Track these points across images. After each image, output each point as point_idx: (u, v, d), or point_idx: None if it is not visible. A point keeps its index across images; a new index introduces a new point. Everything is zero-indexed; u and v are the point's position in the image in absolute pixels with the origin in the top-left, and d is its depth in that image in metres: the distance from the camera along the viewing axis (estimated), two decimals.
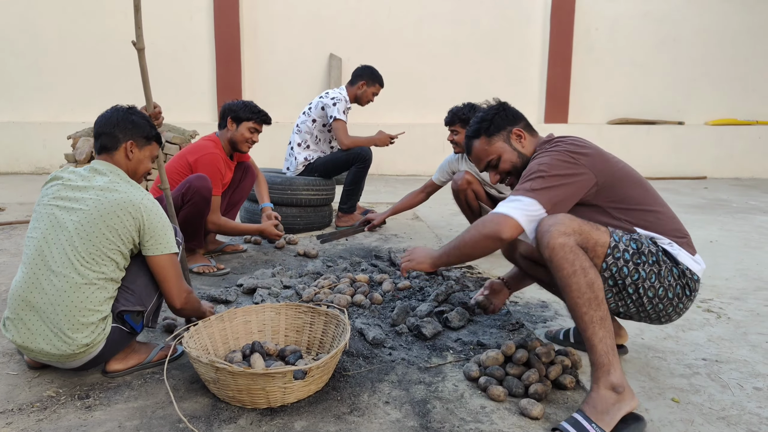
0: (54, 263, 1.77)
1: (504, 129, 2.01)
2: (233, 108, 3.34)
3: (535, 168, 1.81)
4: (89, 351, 1.77)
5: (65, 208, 1.83)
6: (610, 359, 1.60)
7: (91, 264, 1.76)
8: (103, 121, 1.99)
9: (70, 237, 1.78)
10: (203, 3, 7.97)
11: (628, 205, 1.83)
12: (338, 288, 2.68)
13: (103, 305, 1.78)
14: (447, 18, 8.38)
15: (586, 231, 1.71)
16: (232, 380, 1.63)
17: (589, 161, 1.81)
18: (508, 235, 1.74)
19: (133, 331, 1.88)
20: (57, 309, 1.73)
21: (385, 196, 6.22)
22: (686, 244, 1.83)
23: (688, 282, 1.78)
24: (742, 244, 4.08)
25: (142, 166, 2.05)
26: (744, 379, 1.97)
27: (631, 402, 1.60)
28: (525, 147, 2.00)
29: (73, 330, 1.73)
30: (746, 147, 8.67)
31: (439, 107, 8.47)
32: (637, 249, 1.74)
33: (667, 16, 8.60)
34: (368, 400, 1.77)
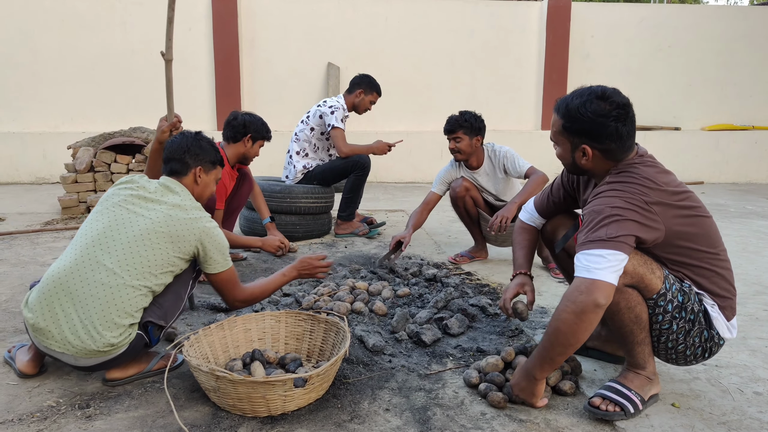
0: (108, 258, 1.80)
1: (577, 137, 1.77)
2: (252, 126, 3.38)
3: (608, 212, 1.61)
4: (110, 352, 1.79)
5: (134, 213, 1.89)
6: (646, 360, 1.78)
7: (143, 271, 1.81)
8: (173, 146, 2.09)
9: (134, 239, 1.83)
10: (202, 14, 8.01)
11: (686, 258, 1.73)
12: (338, 295, 2.69)
13: (137, 312, 1.82)
14: (443, 27, 8.43)
15: (640, 274, 1.66)
16: (232, 389, 1.63)
17: (662, 210, 1.65)
18: (605, 300, 1.54)
19: (149, 343, 1.90)
20: (95, 302, 1.75)
21: (384, 204, 6.23)
22: (729, 307, 1.78)
23: (711, 346, 1.79)
24: (741, 249, 4.09)
25: (208, 190, 2.16)
26: (744, 384, 1.97)
27: (658, 386, 1.82)
28: (585, 164, 1.80)
29: (105, 327, 1.75)
30: (743, 152, 8.70)
31: (437, 115, 8.50)
32: (681, 303, 1.71)
33: (662, 23, 8.65)
34: (368, 407, 1.77)
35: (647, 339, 1.76)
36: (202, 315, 2.60)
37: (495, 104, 8.52)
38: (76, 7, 7.81)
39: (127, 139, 5.40)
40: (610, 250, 1.56)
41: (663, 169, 1.77)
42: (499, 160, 3.56)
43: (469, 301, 2.72)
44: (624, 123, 1.72)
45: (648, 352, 1.78)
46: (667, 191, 1.67)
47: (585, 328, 1.56)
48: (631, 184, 1.66)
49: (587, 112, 1.72)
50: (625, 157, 1.76)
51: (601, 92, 1.74)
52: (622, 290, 1.65)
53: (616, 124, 1.70)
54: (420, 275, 3.19)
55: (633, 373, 1.79)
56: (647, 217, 1.62)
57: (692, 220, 1.71)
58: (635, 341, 1.75)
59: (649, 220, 1.63)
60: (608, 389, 1.75)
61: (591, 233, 1.61)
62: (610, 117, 1.70)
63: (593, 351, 2.16)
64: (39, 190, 7.16)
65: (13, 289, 2.97)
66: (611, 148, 1.73)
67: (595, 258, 1.57)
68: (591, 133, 1.73)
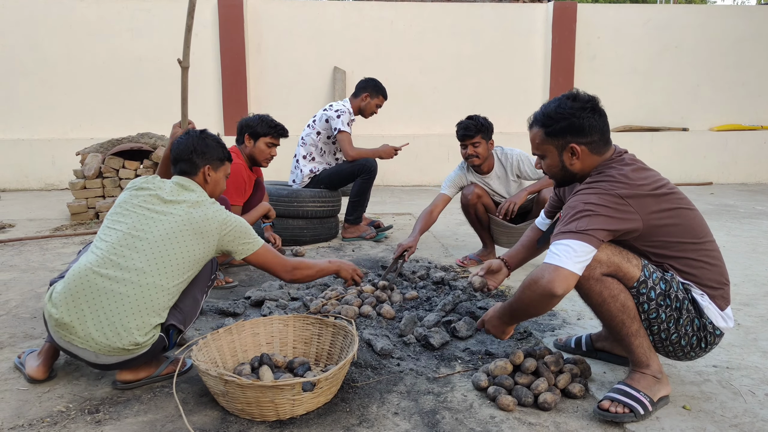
0: (137, 257, 1.82)
1: (562, 138, 1.84)
2: (250, 124, 3.37)
3: (581, 207, 1.69)
4: (135, 351, 1.81)
5: (157, 212, 1.91)
6: (648, 356, 1.77)
7: (171, 269, 1.84)
8: (180, 147, 2.11)
9: (160, 239, 1.85)
10: (209, 19, 8.06)
11: (668, 251, 1.77)
12: (345, 299, 2.68)
13: (164, 311, 1.85)
14: (449, 30, 8.43)
15: (616, 262, 1.71)
16: (241, 393, 1.64)
17: (640, 204, 1.70)
18: (562, 290, 1.62)
19: (167, 346, 1.92)
20: (126, 301, 1.77)
21: (391, 207, 6.23)
22: (721, 296, 1.79)
23: (707, 336, 1.79)
24: (750, 250, 4.05)
25: (218, 187, 2.18)
26: (756, 386, 1.95)
27: (667, 386, 1.79)
28: (575, 165, 1.85)
29: (134, 326, 1.77)
30: (752, 152, 8.64)
31: (443, 118, 8.51)
32: (664, 290, 1.73)
33: (668, 23, 8.62)
34: (377, 411, 1.77)
35: (642, 331, 1.76)
36: (210, 319, 2.60)
37: (501, 107, 8.51)
38: (83, 15, 7.87)
39: (135, 145, 5.43)
40: (577, 241, 1.63)
41: (641, 166, 1.81)
42: (512, 164, 3.54)
43: (477, 304, 2.71)
44: (599, 114, 1.83)
45: (647, 346, 1.78)
46: (644, 185, 1.73)
47: (542, 307, 1.72)
48: (606, 182, 1.73)
49: (565, 111, 1.82)
50: (606, 150, 1.84)
51: (569, 94, 1.87)
52: (602, 279, 1.71)
53: (593, 115, 1.81)
54: (427, 278, 3.19)
55: (639, 373, 1.78)
56: (620, 210, 1.68)
57: (673, 213, 1.75)
58: (629, 333, 1.75)
59: (623, 213, 1.68)
60: (616, 392, 1.74)
61: (563, 226, 1.70)
62: (587, 109, 1.81)
63: (602, 353, 2.15)
64: (48, 196, 7.21)
65: (23, 294, 2.99)
66: (595, 140, 1.82)
67: (562, 248, 1.65)
68: (573, 128, 1.81)
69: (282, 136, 3.44)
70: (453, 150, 8.37)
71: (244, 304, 2.74)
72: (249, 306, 2.77)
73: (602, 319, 1.79)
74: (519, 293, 1.75)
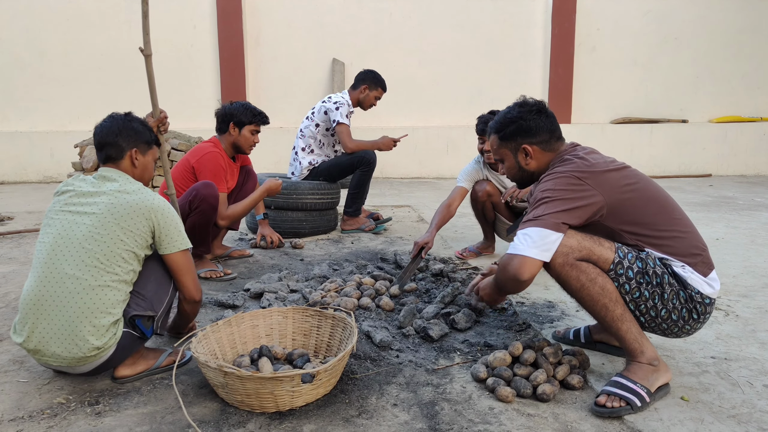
0: (67, 265, 1.78)
1: (514, 140, 1.98)
2: (233, 112, 3.35)
3: (539, 195, 1.80)
4: (100, 355, 1.78)
5: (77, 213, 1.85)
6: (640, 342, 1.78)
7: (105, 265, 1.78)
8: (103, 131, 1.98)
9: (84, 239, 1.79)
10: (207, 11, 8.02)
11: (641, 228, 1.81)
12: (345, 291, 2.69)
13: (115, 308, 1.80)
14: (448, 22, 8.40)
15: (587, 247, 1.76)
16: (240, 384, 1.64)
17: (597, 181, 1.77)
18: (528, 276, 1.72)
19: (144, 336, 1.89)
20: (70, 311, 1.74)
21: (390, 199, 6.23)
22: (701, 263, 1.81)
23: (696, 306, 1.79)
24: (749, 242, 4.06)
25: (147, 172, 2.09)
26: (754, 377, 1.96)
27: (666, 374, 1.80)
28: (530, 164, 1.98)
29: (86, 332, 1.74)
30: (751, 144, 8.64)
31: (442, 110, 8.50)
32: (642, 268, 1.76)
33: (668, 15, 8.59)
34: (376, 402, 1.77)
35: (627, 315, 1.77)
36: (209, 311, 2.61)
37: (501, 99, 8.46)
38: (81, 7, 7.84)
39: None
40: (535, 228, 1.73)
41: (594, 150, 1.94)
42: None
43: None
44: (545, 114, 1.96)
45: (637, 331, 1.78)
46: (598, 163, 1.82)
47: (515, 289, 1.81)
48: (562, 167, 1.84)
49: (514, 115, 1.97)
50: (558, 146, 1.97)
51: (518, 101, 2.03)
52: (576, 265, 1.74)
53: (539, 116, 1.95)
54: (427, 270, 3.19)
55: (635, 364, 1.79)
56: (577, 189, 1.76)
57: (634, 186, 1.82)
58: (614, 317, 1.76)
59: (580, 192, 1.76)
60: (613, 384, 1.75)
61: (525, 217, 1.81)
62: (532, 112, 1.96)
63: (600, 344, 2.16)
64: (47, 188, 7.21)
65: (22, 287, 2.98)
66: (545, 138, 1.95)
67: (521, 237, 1.75)
68: (523, 130, 1.95)
69: (264, 123, 3.44)
70: (452, 142, 8.37)
71: (243, 296, 2.74)
72: (248, 298, 2.78)
73: (585, 306, 1.80)
74: (497, 274, 1.90)
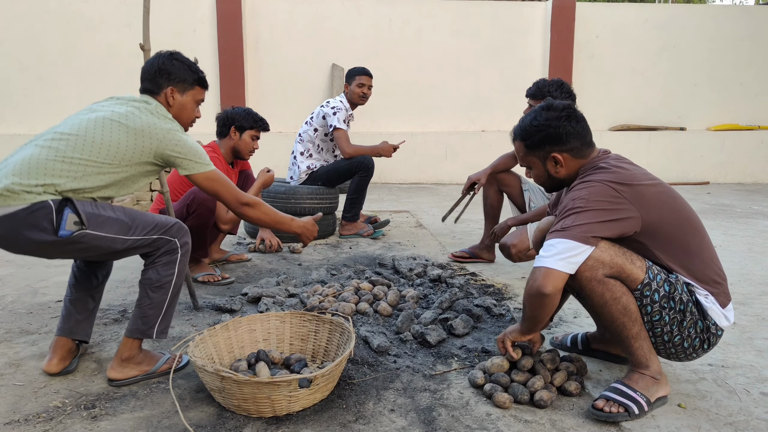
0: (50, 140, 1.79)
1: (542, 149, 1.87)
2: (235, 117, 3.37)
3: (569, 204, 1.71)
4: (8, 200, 1.68)
5: (96, 110, 1.87)
6: (648, 357, 1.76)
7: (86, 147, 1.77)
8: (145, 67, 2.04)
9: (85, 122, 1.81)
10: (206, 16, 8.04)
11: (674, 249, 1.75)
12: (342, 296, 2.69)
13: (61, 179, 1.74)
14: (447, 28, 8.43)
15: (619, 264, 1.69)
16: (237, 389, 1.64)
17: (635, 195, 1.69)
18: (552, 289, 1.64)
19: (56, 226, 1.71)
20: (21, 158, 1.74)
21: (388, 204, 6.23)
22: (722, 293, 1.78)
23: (710, 337, 1.78)
24: (747, 249, 4.07)
25: (185, 113, 2.07)
26: (751, 385, 1.96)
27: (666, 387, 1.79)
28: (560, 172, 1.88)
29: (16, 173, 1.71)
30: (749, 152, 8.66)
31: (441, 116, 8.51)
32: (668, 293, 1.72)
33: (667, 23, 8.63)
34: (374, 408, 1.77)
35: (643, 333, 1.75)
36: (207, 316, 2.60)
37: (499, 105, 8.52)
38: (81, 9, 7.84)
39: None
40: (561, 239, 1.65)
41: (628, 161, 1.84)
42: None
43: (474, 302, 2.72)
44: (576, 120, 1.85)
45: (648, 348, 1.77)
46: (637, 175, 1.75)
47: (540, 307, 1.71)
48: (596, 175, 1.74)
49: (541, 122, 1.85)
50: (589, 152, 1.86)
51: (544, 105, 1.89)
52: (604, 281, 1.68)
53: (569, 122, 1.83)
54: (425, 276, 3.19)
55: (637, 373, 1.78)
56: (615, 202, 1.67)
57: (671, 206, 1.75)
58: (630, 335, 1.74)
59: (615, 204, 1.67)
60: (612, 390, 1.75)
61: (552, 227, 1.72)
62: (562, 118, 1.84)
63: (598, 352, 2.16)
64: None
65: (19, 290, 2.98)
66: (576, 145, 1.84)
67: (546, 248, 1.68)
68: (552, 138, 1.84)
69: (265, 130, 3.49)
70: (451, 148, 8.38)
71: (240, 301, 2.74)
72: (246, 302, 2.77)
73: (603, 321, 1.77)
74: (523, 300, 1.80)
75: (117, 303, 2.76)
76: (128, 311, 2.63)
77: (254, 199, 2.02)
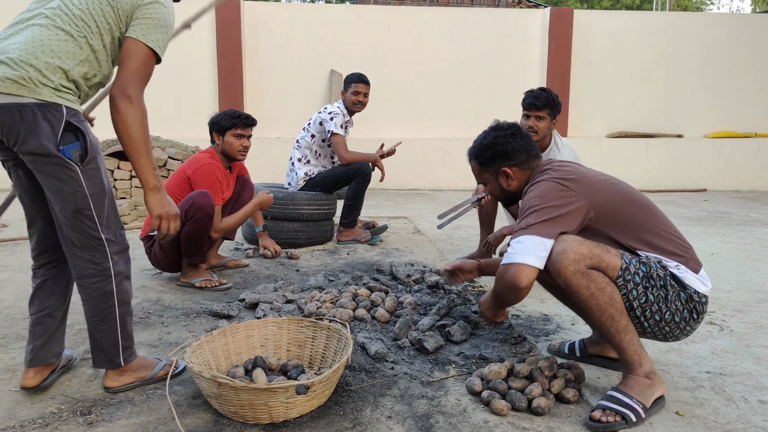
0: (44, 8, 1.72)
1: (493, 165, 2.06)
2: (214, 120, 3.37)
3: (527, 204, 1.86)
4: (24, 89, 1.62)
5: None
6: (640, 355, 1.78)
7: (73, 14, 1.71)
8: None
9: None
10: (205, 21, 8.06)
11: (629, 227, 1.86)
12: (340, 302, 2.68)
13: (68, 59, 1.69)
14: (446, 35, 8.46)
15: (597, 254, 1.75)
16: (234, 395, 1.63)
17: (579, 185, 1.84)
18: (526, 282, 1.74)
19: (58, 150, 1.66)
20: (26, 38, 1.67)
21: (386, 210, 6.23)
22: (691, 260, 1.85)
23: (695, 306, 1.82)
24: (744, 257, 4.07)
25: None
26: (748, 392, 1.96)
27: (661, 387, 1.80)
28: (512, 185, 2.05)
29: (30, 53, 1.64)
30: (745, 159, 8.70)
31: (439, 122, 8.53)
32: (646, 272, 1.77)
33: (664, 31, 8.68)
34: (371, 414, 1.76)
35: (631, 327, 1.77)
36: (204, 321, 2.60)
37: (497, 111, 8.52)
38: None
39: None
40: (530, 236, 1.76)
41: (572, 162, 2.02)
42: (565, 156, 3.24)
43: (472, 308, 2.71)
44: (520, 136, 2.04)
45: (638, 343, 1.78)
46: (577, 168, 1.92)
47: (513, 297, 1.82)
48: (543, 175, 1.92)
49: (489, 141, 2.06)
50: (537, 163, 2.04)
51: (493, 126, 2.11)
52: (588, 273, 1.74)
53: (514, 138, 2.03)
54: (422, 282, 3.19)
55: (632, 377, 1.78)
56: (564, 196, 1.82)
57: (616, 188, 1.90)
58: (619, 328, 1.76)
59: (567, 198, 1.81)
60: (608, 399, 1.75)
61: (517, 226, 1.86)
62: (507, 136, 2.04)
63: (596, 358, 2.16)
64: None
65: (16, 295, 2.97)
66: (522, 159, 2.02)
67: (515, 245, 1.79)
68: (500, 154, 2.03)
69: (248, 126, 3.36)
70: (449, 154, 8.39)
71: (238, 307, 2.73)
72: (243, 308, 2.77)
73: (592, 315, 1.77)
74: (495, 283, 1.91)
75: None
76: None
77: (137, 92, 1.76)
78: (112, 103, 1.72)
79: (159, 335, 2.43)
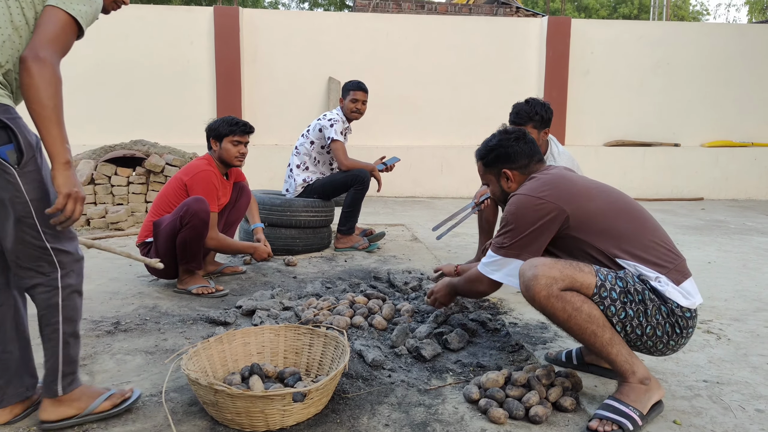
0: None
1: (495, 166, 2.14)
2: (212, 127, 3.37)
3: (504, 218, 1.98)
4: None
5: None
6: (631, 362, 1.77)
7: None
8: None
9: None
10: (204, 28, 8.07)
11: (611, 235, 1.87)
12: (337, 309, 2.68)
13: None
14: (444, 43, 8.49)
15: (569, 275, 1.76)
16: (231, 403, 1.62)
17: (557, 193, 1.90)
18: (490, 290, 2.10)
19: None
20: None
21: (384, 218, 6.24)
22: (674, 270, 1.83)
23: (678, 320, 1.80)
24: (741, 265, 4.08)
25: None
26: (746, 401, 1.96)
27: (659, 391, 1.79)
28: (512, 187, 2.12)
29: None
30: (742, 168, 8.72)
31: (437, 130, 8.55)
32: (623, 287, 1.78)
33: (661, 40, 8.72)
34: (368, 422, 1.76)
35: (616, 338, 1.77)
36: (200, 328, 2.59)
37: (495, 120, 8.52)
38: None
39: (128, 152, 5.41)
40: (498, 256, 1.99)
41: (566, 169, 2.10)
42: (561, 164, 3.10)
43: (469, 316, 2.71)
44: (524, 141, 2.11)
45: (627, 352, 1.78)
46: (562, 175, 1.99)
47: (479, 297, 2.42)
48: (523, 187, 2.00)
49: (495, 143, 2.14)
50: (537, 168, 2.11)
51: (501, 130, 2.20)
52: (561, 296, 1.75)
53: (517, 142, 2.10)
54: (420, 289, 3.19)
55: (627, 385, 1.77)
56: (539, 209, 1.89)
57: (599, 195, 1.94)
58: (604, 342, 1.75)
59: (541, 210, 1.88)
60: (605, 408, 1.74)
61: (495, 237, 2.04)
62: (511, 139, 2.12)
63: (593, 366, 2.15)
64: None
65: None
66: (524, 163, 2.10)
67: (489, 256, 2.02)
68: (503, 156, 2.11)
69: (246, 133, 3.36)
70: (447, 162, 8.41)
71: (235, 314, 2.72)
72: (240, 315, 2.76)
73: (574, 335, 1.80)
74: (465, 282, 2.21)
75: (110, 315, 2.74)
76: (121, 323, 2.61)
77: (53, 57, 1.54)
78: (23, 65, 1.48)
79: (155, 342, 2.42)
